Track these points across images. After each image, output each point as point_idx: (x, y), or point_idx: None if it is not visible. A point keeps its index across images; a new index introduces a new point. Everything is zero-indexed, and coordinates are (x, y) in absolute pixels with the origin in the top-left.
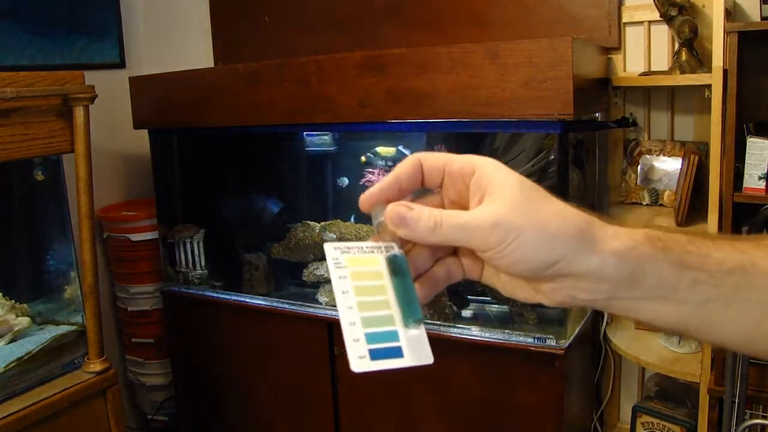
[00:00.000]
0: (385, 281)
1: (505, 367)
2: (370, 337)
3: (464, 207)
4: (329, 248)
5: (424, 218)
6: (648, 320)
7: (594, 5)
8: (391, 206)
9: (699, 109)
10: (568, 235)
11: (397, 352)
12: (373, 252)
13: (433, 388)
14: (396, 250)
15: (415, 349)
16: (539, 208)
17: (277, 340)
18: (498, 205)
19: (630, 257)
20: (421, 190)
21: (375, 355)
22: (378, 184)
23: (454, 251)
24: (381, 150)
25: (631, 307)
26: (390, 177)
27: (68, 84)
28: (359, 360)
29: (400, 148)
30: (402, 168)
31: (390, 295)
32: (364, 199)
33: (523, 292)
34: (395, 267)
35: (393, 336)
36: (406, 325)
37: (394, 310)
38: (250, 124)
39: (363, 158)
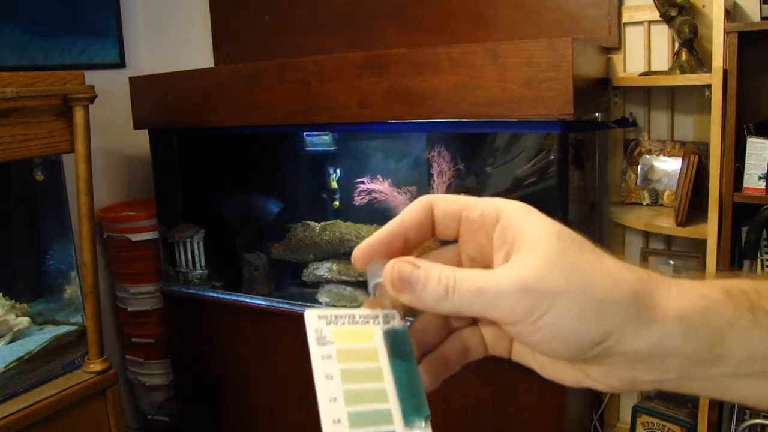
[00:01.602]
0: (382, 363)
1: (505, 367)
2: None
3: (487, 266)
4: (311, 317)
5: (433, 281)
6: (742, 401)
7: (594, 5)
8: (391, 263)
9: (699, 109)
10: (619, 300)
11: None
12: (368, 322)
13: (432, 389)
14: (396, 322)
15: None
16: (581, 266)
17: (277, 340)
18: (527, 263)
19: (703, 323)
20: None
21: None
22: (377, 233)
23: (474, 320)
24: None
25: (716, 387)
26: (392, 225)
27: (68, 84)
28: None
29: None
30: (408, 214)
31: (388, 383)
32: (359, 254)
33: (569, 376)
34: (395, 344)
35: None
36: (409, 424)
37: (393, 404)
38: (250, 124)
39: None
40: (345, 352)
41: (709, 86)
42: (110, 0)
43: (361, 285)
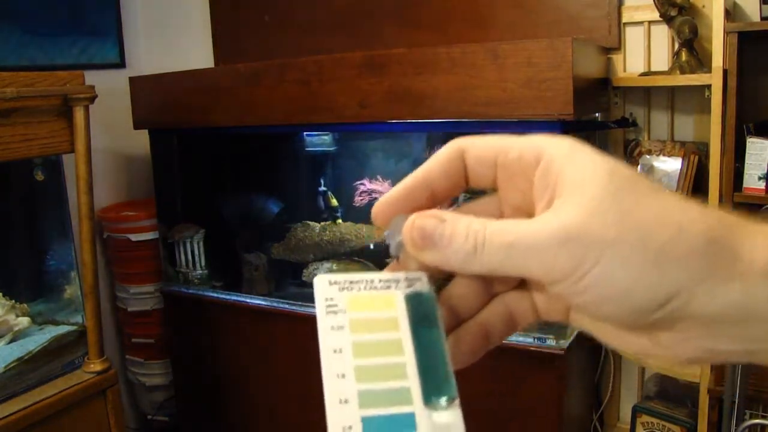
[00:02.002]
0: (403, 334)
1: (505, 367)
2: (370, 424)
3: (532, 217)
4: (321, 283)
5: (460, 236)
6: None
7: (594, 5)
8: (412, 218)
9: (699, 109)
10: (687, 252)
11: None
12: (389, 287)
13: None
14: (423, 285)
15: None
16: (638, 210)
17: (277, 340)
18: (570, 210)
19: None
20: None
21: None
22: (398, 185)
23: (521, 281)
24: None
25: None
26: (416, 175)
27: (68, 84)
28: None
29: None
30: (435, 162)
31: (409, 357)
32: (378, 210)
33: (635, 344)
34: (418, 311)
35: (407, 422)
36: (430, 404)
37: (413, 381)
38: (250, 124)
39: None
40: (359, 322)
41: (709, 86)
42: (110, 0)
43: None
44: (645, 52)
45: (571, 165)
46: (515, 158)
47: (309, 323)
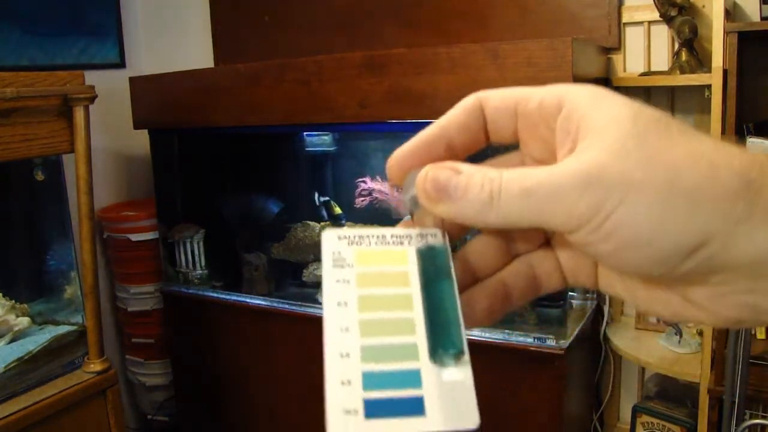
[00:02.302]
0: (413, 289)
1: (504, 367)
2: (371, 380)
3: None
4: (329, 238)
5: (475, 186)
6: None
7: (594, 5)
8: (426, 169)
9: (699, 109)
10: (721, 193)
11: (413, 407)
12: (401, 243)
13: None
14: (437, 240)
15: (447, 403)
16: (665, 152)
17: (277, 340)
18: (592, 153)
19: None
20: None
21: (374, 410)
22: (414, 138)
23: (547, 240)
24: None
25: None
26: (434, 127)
27: (68, 84)
28: (345, 417)
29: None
30: (453, 114)
31: (418, 313)
32: (393, 163)
33: (667, 305)
34: (430, 265)
35: (412, 378)
36: (437, 359)
37: (421, 337)
38: (250, 124)
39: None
40: (368, 276)
41: (709, 86)
42: (110, 0)
43: None
44: (645, 52)
45: (593, 109)
46: (536, 106)
47: (309, 323)
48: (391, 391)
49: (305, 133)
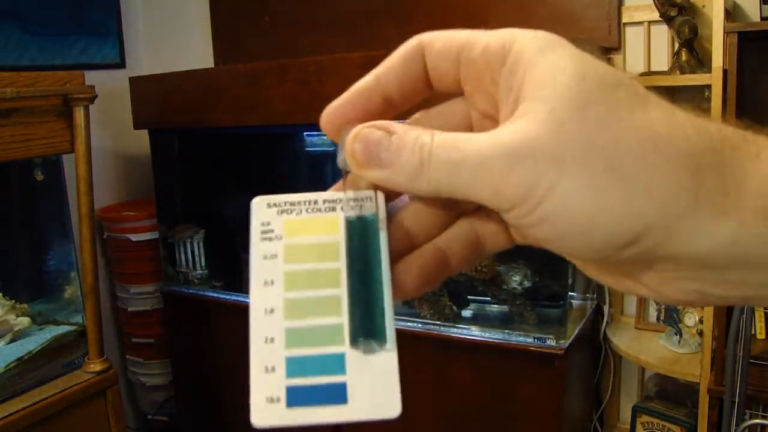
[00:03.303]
0: (342, 263)
1: (505, 367)
2: (295, 365)
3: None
4: (259, 206)
5: (406, 150)
6: None
7: (594, 5)
8: (356, 130)
9: (699, 109)
10: (661, 184)
11: (336, 394)
12: (333, 209)
13: (432, 388)
14: (371, 206)
15: (370, 391)
16: (607, 125)
17: None
18: (525, 121)
19: None
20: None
21: (297, 397)
22: (349, 90)
23: None
24: None
25: None
26: (369, 77)
27: (68, 84)
28: (267, 406)
29: None
30: (390, 60)
31: (344, 289)
32: (325, 119)
33: (617, 281)
34: (360, 237)
35: (336, 364)
36: (360, 345)
37: (346, 318)
38: (251, 124)
39: None
40: (295, 249)
41: (709, 86)
42: (110, 0)
43: None
44: (645, 52)
45: (539, 64)
46: (480, 53)
47: None
48: (315, 377)
49: (305, 133)
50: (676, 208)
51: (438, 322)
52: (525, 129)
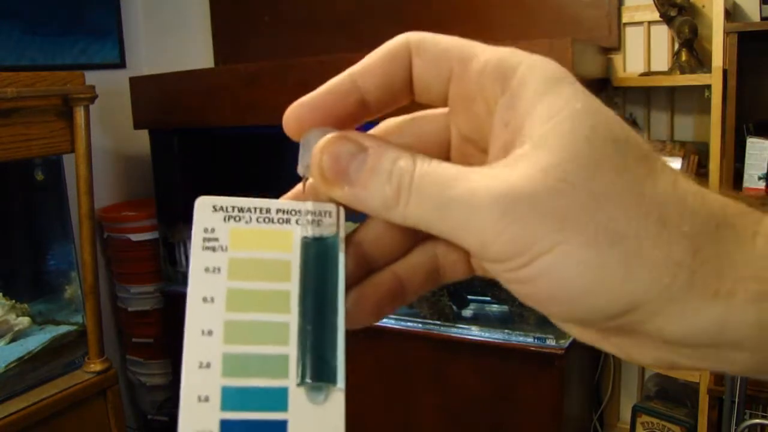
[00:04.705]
0: (294, 285)
1: (505, 367)
2: (231, 397)
3: (485, 150)
4: (203, 207)
5: (382, 173)
6: None
7: (594, 5)
8: (325, 140)
9: (699, 109)
10: (661, 262)
11: None
12: (287, 221)
13: (432, 388)
14: (331, 222)
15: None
16: (615, 193)
17: None
18: (528, 169)
19: None
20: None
21: None
22: (322, 87)
23: None
24: None
25: None
26: (344, 76)
27: (68, 84)
28: None
29: None
30: (371, 61)
31: (295, 317)
32: (290, 116)
33: (583, 334)
34: (316, 261)
35: (278, 399)
36: (305, 385)
37: (294, 349)
38: (251, 124)
39: None
40: (242, 264)
41: (708, 86)
42: (110, 0)
43: None
44: (645, 52)
45: (544, 104)
46: (476, 72)
47: None
48: (252, 412)
49: None
50: (673, 288)
51: (438, 322)
52: (526, 178)
